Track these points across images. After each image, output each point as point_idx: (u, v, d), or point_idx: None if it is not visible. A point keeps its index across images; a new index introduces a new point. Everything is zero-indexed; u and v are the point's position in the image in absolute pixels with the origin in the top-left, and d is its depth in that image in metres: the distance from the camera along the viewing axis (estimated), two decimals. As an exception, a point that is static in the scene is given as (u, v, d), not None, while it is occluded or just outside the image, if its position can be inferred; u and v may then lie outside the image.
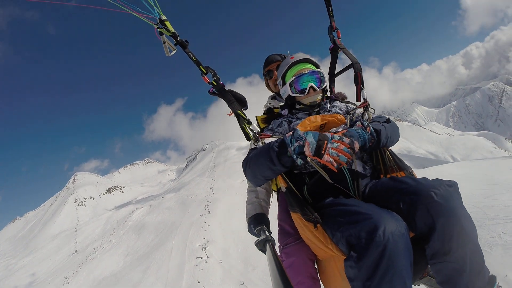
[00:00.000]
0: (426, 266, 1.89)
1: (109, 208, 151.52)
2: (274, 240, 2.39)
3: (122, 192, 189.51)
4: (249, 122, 2.94)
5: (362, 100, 2.87)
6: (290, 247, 2.47)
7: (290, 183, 2.28)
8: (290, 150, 2.02)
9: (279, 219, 2.73)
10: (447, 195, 1.72)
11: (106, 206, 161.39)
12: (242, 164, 2.46)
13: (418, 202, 1.74)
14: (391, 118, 2.62)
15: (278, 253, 2.31)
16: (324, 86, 2.84)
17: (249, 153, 2.53)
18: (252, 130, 2.87)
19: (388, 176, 2.34)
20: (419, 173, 2.64)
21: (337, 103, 2.89)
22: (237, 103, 3.09)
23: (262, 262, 59.86)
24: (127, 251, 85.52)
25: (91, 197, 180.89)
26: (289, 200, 2.22)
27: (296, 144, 2.01)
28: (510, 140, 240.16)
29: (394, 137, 2.44)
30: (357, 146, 2.03)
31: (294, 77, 2.80)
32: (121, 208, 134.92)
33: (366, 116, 2.73)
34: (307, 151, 1.97)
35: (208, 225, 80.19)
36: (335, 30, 3.25)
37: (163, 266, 66.39)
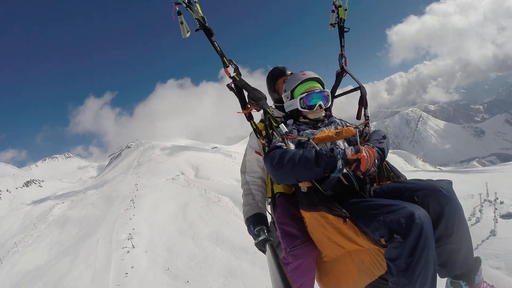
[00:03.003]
0: None
1: (27, 202, 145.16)
2: (274, 240, 2.61)
3: (41, 186, 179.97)
4: (277, 121, 2.98)
5: (365, 118, 3.37)
6: (298, 249, 2.64)
7: (315, 183, 2.51)
8: (336, 151, 2.40)
9: (279, 223, 2.88)
10: (449, 189, 2.24)
11: (24, 200, 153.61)
12: (270, 160, 2.57)
13: (429, 195, 2.21)
14: None
15: (284, 256, 2.71)
16: (329, 105, 3.20)
17: (274, 149, 2.65)
18: (279, 130, 2.89)
19: (383, 182, 2.80)
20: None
21: (334, 119, 3.26)
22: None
23: (186, 250, 66.03)
24: (51, 244, 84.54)
25: (7, 190, 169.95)
26: (309, 200, 2.50)
27: (339, 149, 2.43)
28: (421, 159, 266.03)
29: (389, 149, 2.86)
30: (377, 162, 2.50)
31: (305, 93, 3.09)
32: (40, 203, 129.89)
33: (366, 130, 3.20)
34: (349, 153, 2.40)
35: (133, 218, 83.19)
36: (344, 59, 3.74)
37: (91, 256, 67.71)
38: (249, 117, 3.26)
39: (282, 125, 2.93)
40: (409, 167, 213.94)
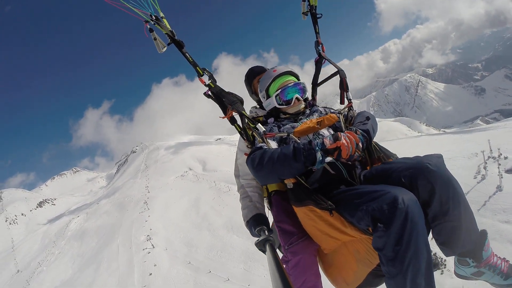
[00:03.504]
0: (429, 232, 2.17)
1: (43, 222, 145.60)
2: (274, 240, 2.48)
3: (54, 204, 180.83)
4: (253, 122, 2.93)
5: (347, 102, 3.25)
6: (295, 246, 2.63)
7: (299, 178, 2.48)
8: (313, 143, 2.32)
9: (276, 221, 2.86)
10: (438, 164, 2.12)
11: (39, 220, 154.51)
12: (251, 162, 2.55)
13: (417, 173, 2.11)
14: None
15: (283, 254, 2.73)
16: (306, 96, 3.21)
17: (254, 151, 2.62)
18: (257, 130, 2.85)
19: (375, 165, 2.71)
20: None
21: (316, 107, 3.22)
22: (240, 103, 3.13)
23: (204, 242, 67.16)
24: (73, 258, 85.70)
25: (22, 214, 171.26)
26: (296, 196, 2.48)
27: (317, 140, 2.35)
28: (425, 124, 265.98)
29: (376, 128, 2.79)
30: (360, 146, 2.39)
31: (279, 90, 3.09)
32: (55, 220, 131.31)
33: (351, 114, 3.10)
34: (327, 142, 2.30)
35: (148, 220, 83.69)
36: (320, 45, 3.63)
37: (113, 263, 68.87)
38: (232, 121, 3.27)
39: (259, 125, 2.89)
40: (413, 133, 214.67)
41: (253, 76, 3.81)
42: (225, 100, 3.12)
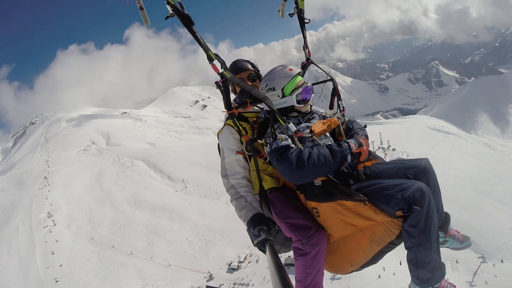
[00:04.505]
0: None
1: None
2: (274, 240, 2.53)
3: None
4: (284, 120, 2.90)
5: (342, 109, 3.52)
6: (314, 238, 2.78)
7: (331, 176, 2.75)
8: (344, 146, 2.67)
9: (283, 218, 2.95)
10: (430, 165, 2.92)
11: None
12: (289, 162, 2.61)
13: (418, 171, 2.82)
14: None
15: (299, 247, 2.81)
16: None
17: (286, 151, 2.68)
18: (288, 129, 2.85)
19: (361, 166, 3.03)
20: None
21: (314, 110, 3.39)
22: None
23: (107, 218, 68.49)
24: None
25: None
26: (325, 192, 2.71)
27: (346, 145, 2.70)
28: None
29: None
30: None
31: (300, 89, 3.15)
32: None
33: (342, 120, 3.38)
34: (353, 147, 2.72)
35: (49, 196, 79.90)
36: (307, 50, 3.85)
37: (13, 244, 67.04)
38: (239, 118, 3.27)
39: (291, 124, 2.90)
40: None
41: (240, 71, 3.62)
42: (249, 93, 3.07)
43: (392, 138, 78.49)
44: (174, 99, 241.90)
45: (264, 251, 2.32)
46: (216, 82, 3.11)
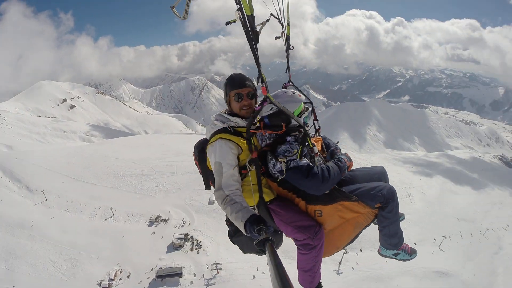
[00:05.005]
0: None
1: None
2: (274, 240, 2.49)
3: None
4: (311, 142, 3.59)
5: (319, 128, 4.49)
6: (319, 233, 3.53)
7: (336, 186, 3.60)
8: (343, 162, 3.67)
9: (290, 222, 3.56)
10: (384, 170, 4.28)
11: None
12: (317, 177, 3.32)
13: (381, 175, 4.10)
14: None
15: (308, 244, 3.49)
16: None
17: (309, 169, 3.37)
18: (313, 151, 3.58)
19: (343, 175, 3.75)
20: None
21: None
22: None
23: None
24: None
25: None
26: (330, 197, 3.54)
27: (344, 161, 3.70)
28: (201, 124, 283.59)
29: None
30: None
31: (306, 113, 3.83)
32: None
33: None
34: (347, 162, 3.72)
35: None
36: (288, 72, 4.49)
37: None
38: (233, 132, 3.61)
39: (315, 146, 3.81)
40: (188, 130, 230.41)
41: (236, 88, 3.73)
42: (295, 119, 3.49)
43: None
44: (40, 95, 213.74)
45: (264, 251, 2.41)
46: (261, 103, 3.43)
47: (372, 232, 4.63)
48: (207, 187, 4.19)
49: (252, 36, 2.78)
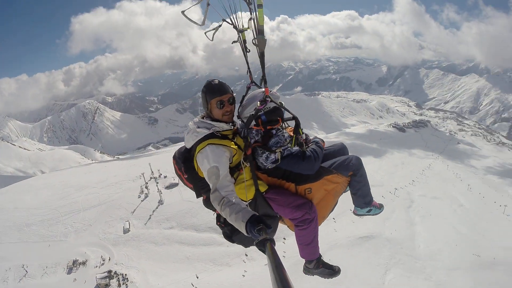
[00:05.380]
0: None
1: None
2: (274, 240, 2.59)
3: None
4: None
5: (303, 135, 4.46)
6: (313, 206, 3.97)
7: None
8: (321, 143, 4.23)
9: (287, 205, 3.93)
10: (344, 145, 4.71)
11: None
12: (313, 160, 3.86)
13: (343, 149, 4.58)
14: None
15: (307, 218, 3.88)
16: None
17: (304, 153, 3.89)
18: (303, 138, 4.20)
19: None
20: None
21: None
22: None
23: None
24: None
25: None
26: (317, 174, 3.99)
27: (320, 142, 4.24)
28: (100, 151, 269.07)
29: None
30: None
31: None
32: None
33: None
34: (322, 143, 4.23)
35: None
36: (249, 74, 4.49)
37: None
38: (221, 136, 3.86)
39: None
40: (87, 160, 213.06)
41: (218, 94, 3.86)
42: (293, 114, 4.05)
43: (163, 166, 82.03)
44: None
45: (264, 251, 2.45)
46: (262, 105, 3.88)
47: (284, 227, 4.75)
48: (199, 195, 4.20)
49: (260, 55, 3.44)
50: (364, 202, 4.45)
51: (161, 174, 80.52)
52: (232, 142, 3.80)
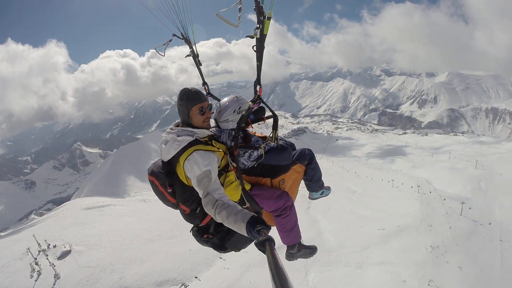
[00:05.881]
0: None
1: None
2: (274, 240, 2.55)
3: None
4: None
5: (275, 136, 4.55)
6: (289, 194, 4.35)
7: None
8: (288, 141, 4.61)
9: (268, 197, 4.14)
10: (293, 143, 4.69)
11: None
12: (287, 151, 4.30)
13: (292, 145, 4.61)
14: None
15: (288, 206, 4.19)
16: None
17: (283, 146, 4.27)
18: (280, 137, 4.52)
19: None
20: None
21: None
22: None
23: None
24: None
25: None
26: (287, 166, 4.40)
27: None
28: None
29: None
30: None
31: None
32: None
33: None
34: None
35: None
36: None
37: None
38: (201, 141, 3.76)
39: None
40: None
41: (199, 101, 3.81)
42: (275, 114, 4.30)
43: (50, 235, 70.98)
44: None
45: (264, 251, 2.44)
46: (256, 102, 4.09)
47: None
48: (182, 210, 4.11)
49: (259, 44, 3.39)
50: (319, 185, 4.91)
51: (49, 244, 67.30)
52: (215, 147, 3.72)
